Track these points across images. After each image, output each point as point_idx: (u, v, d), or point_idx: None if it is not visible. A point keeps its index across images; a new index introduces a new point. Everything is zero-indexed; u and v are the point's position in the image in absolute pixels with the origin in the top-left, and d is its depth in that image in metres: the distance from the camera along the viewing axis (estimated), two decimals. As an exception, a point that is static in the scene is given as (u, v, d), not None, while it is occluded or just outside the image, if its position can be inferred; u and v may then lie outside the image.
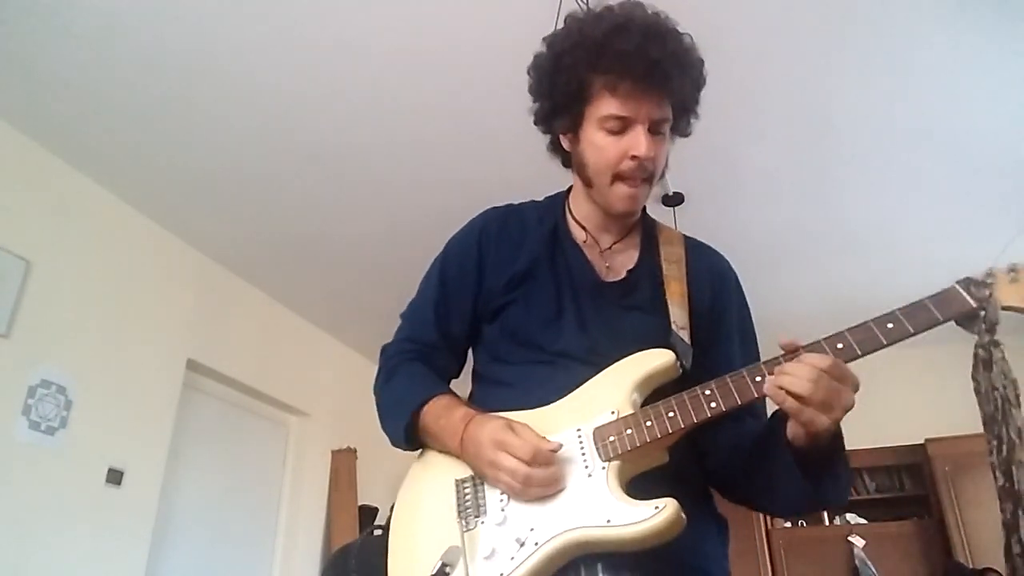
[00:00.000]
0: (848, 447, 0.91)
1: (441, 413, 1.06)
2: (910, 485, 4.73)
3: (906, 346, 1.02)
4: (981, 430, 0.93)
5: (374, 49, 2.54)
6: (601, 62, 1.05)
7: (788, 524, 4.83)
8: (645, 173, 1.09)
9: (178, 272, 3.64)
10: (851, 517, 4.72)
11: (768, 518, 4.63)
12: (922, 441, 4.54)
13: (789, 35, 2.49)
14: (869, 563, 4.39)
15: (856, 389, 0.88)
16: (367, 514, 4.56)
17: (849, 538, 4.53)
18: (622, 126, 1.06)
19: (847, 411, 0.87)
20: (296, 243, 3.76)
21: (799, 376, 0.86)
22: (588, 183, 1.14)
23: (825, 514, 4.71)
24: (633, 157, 1.06)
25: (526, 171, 2.89)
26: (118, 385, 3.20)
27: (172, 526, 3.45)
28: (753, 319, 1.20)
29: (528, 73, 1.18)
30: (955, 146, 3.03)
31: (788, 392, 0.87)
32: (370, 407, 1.19)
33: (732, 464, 1.05)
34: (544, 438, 0.96)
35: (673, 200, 3.33)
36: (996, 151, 3.06)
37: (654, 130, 1.07)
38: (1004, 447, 0.87)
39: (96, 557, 2.95)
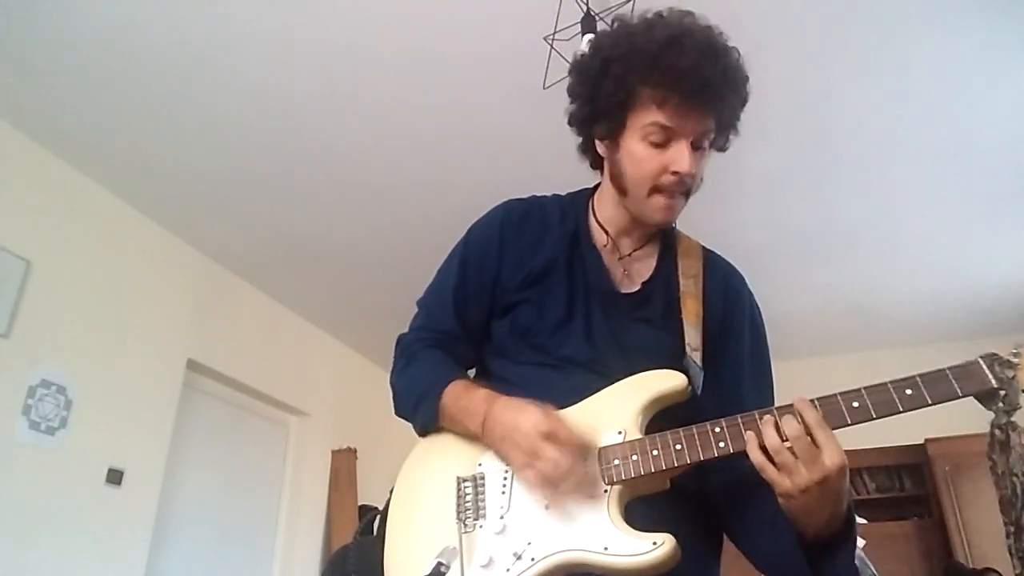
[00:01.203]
0: (848, 447, 0.88)
1: (461, 394, 1.05)
2: (910, 485, 4.72)
3: (906, 346, 1.01)
4: (981, 430, 0.92)
5: (375, 49, 2.54)
6: (653, 75, 1.02)
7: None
8: (684, 188, 1.07)
9: (178, 272, 3.64)
10: (851, 517, 4.71)
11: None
12: (922, 441, 4.52)
13: (789, 35, 2.49)
14: (869, 563, 4.37)
15: (837, 473, 0.84)
16: (367, 514, 4.55)
17: (849, 538, 4.52)
18: (665, 138, 1.04)
19: (812, 489, 0.84)
20: (296, 243, 3.76)
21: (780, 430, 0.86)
22: (623, 192, 1.11)
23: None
24: (674, 173, 1.04)
25: (526, 171, 2.90)
26: (118, 385, 3.20)
27: (172, 526, 3.45)
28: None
29: (569, 74, 1.15)
30: (955, 146, 3.03)
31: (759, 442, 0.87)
32: (370, 407, 1.19)
33: (731, 493, 1.04)
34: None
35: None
36: (996, 151, 3.06)
37: (696, 145, 1.05)
38: None
39: (96, 557, 2.96)
